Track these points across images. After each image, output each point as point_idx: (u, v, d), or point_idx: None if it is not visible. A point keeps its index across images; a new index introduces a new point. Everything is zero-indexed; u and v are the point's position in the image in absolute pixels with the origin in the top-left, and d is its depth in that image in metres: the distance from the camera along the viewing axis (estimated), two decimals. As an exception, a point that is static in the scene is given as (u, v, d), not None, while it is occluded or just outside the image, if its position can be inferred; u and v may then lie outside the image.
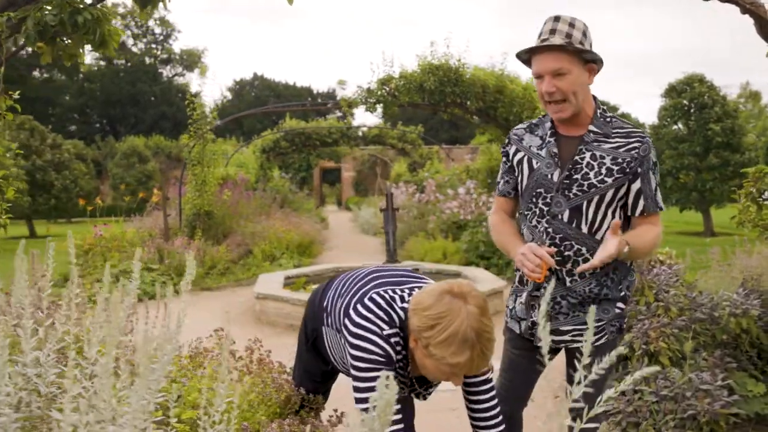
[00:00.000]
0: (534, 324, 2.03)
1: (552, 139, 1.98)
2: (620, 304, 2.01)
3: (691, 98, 14.16)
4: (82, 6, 2.69)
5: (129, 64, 46.76)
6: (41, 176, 15.27)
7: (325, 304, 2.04)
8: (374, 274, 1.92)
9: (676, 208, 14.94)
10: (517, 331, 2.10)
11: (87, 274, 7.06)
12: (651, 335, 3.35)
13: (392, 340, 1.71)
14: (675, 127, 14.65)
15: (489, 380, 1.86)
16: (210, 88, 74.20)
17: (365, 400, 1.69)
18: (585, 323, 1.97)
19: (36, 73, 43.00)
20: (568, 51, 1.85)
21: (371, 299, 1.77)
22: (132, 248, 8.10)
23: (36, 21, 2.66)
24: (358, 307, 1.76)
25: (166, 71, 50.22)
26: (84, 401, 1.22)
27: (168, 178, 17.81)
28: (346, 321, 1.78)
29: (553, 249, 1.92)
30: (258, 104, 50.77)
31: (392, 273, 1.94)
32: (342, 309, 1.87)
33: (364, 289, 1.84)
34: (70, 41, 2.95)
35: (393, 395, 0.82)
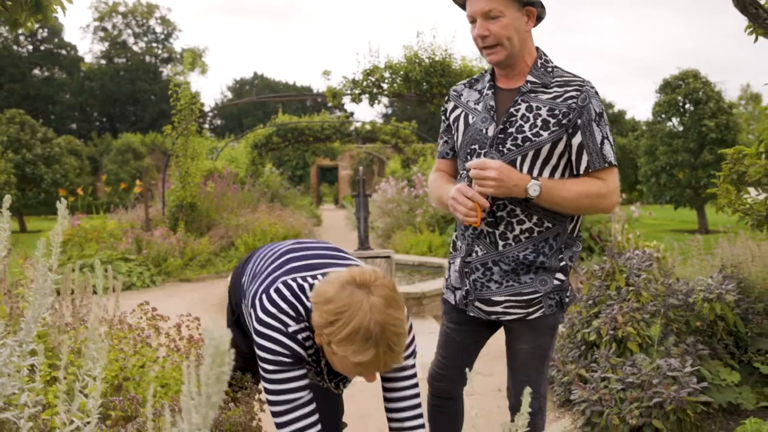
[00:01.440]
0: (467, 293, 1.87)
1: (490, 92, 1.83)
2: (560, 275, 1.83)
3: (685, 94, 13.98)
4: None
5: (129, 62, 46.72)
6: (31, 170, 15.15)
7: (243, 280, 1.89)
8: (290, 255, 1.74)
9: (671, 205, 14.77)
10: (452, 302, 1.95)
11: (61, 264, 6.92)
12: (619, 320, 3.19)
13: (299, 336, 1.55)
14: (669, 123, 14.48)
15: (408, 376, 1.66)
16: (198, 83, 73.67)
17: (276, 404, 1.54)
18: (519, 294, 1.81)
19: (36, 71, 42.98)
20: None
21: (277, 291, 1.59)
22: (111, 239, 7.96)
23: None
24: (263, 299, 1.60)
25: (167, 70, 50.15)
26: None
27: (163, 173, 17.68)
28: (253, 313, 1.62)
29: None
30: (258, 103, 50.68)
31: (311, 252, 1.76)
32: (251, 297, 1.71)
33: (273, 275, 1.67)
34: (7, 6, 2.82)
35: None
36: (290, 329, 1.54)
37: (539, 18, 1.81)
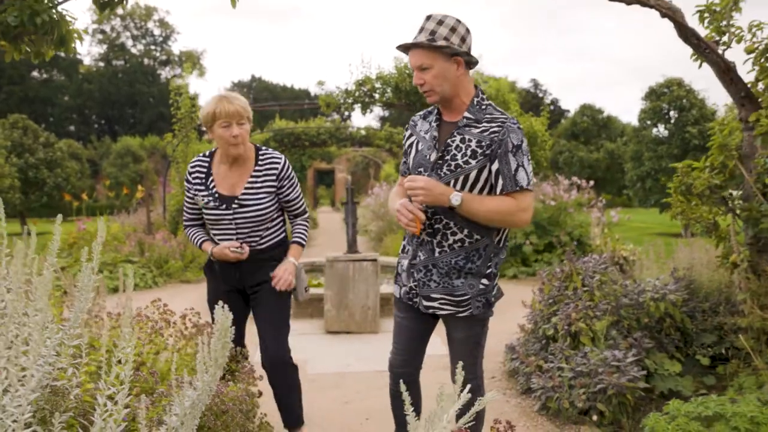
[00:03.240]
0: (411, 289, 2.29)
1: (435, 125, 2.23)
2: (485, 280, 2.20)
3: (669, 101, 14.44)
4: (42, 8, 2.95)
5: (128, 65, 47.05)
6: (33, 174, 15.53)
7: None
8: None
9: (657, 209, 15.22)
10: (398, 296, 2.37)
11: (69, 266, 7.32)
12: (573, 317, 3.61)
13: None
14: (655, 129, 14.93)
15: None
16: (196, 86, 74.32)
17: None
18: (452, 294, 2.21)
19: (35, 74, 43.28)
20: (429, 47, 2.07)
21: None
22: (115, 242, 8.36)
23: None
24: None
25: (165, 72, 50.51)
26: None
27: (163, 177, 18.05)
28: None
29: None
30: (256, 106, 51.00)
31: None
32: None
33: None
34: (33, 40, 3.22)
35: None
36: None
37: (470, 63, 2.16)
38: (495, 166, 2.11)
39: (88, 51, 47.44)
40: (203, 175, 2.74)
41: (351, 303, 5.33)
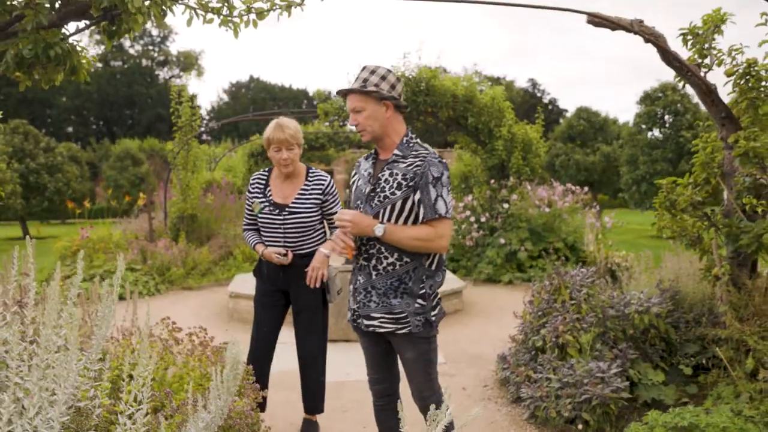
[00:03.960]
0: (354, 312, 2.53)
1: (372, 162, 2.52)
2: (420, 300, 2.41)
3: (664, 106, 14.63)
4: (54, 41, 3.11)
5: (126, 66, 47.16)
6: (35, 179, 15.68)
7: None
8: None
9: (652, 212, 15.41)
10: (348, 319, 2.60)
11: (73, 274, 7.46)
12: (560, 329, 3.78)
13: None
14: (650, 133, 15.12)
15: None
16: (195, 86, 74.34)
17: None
18: (390, 312, 2.42)
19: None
20: (362, 93, 2.38)
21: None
22: (118, 250, 8.52)
23: (14, 53, 3.09)
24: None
25: (163, 73, 50.64)
26: (36, 370, 1.66)
27: (162, 181, 18.22)
28: None
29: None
30: (254, 106, 51.14)
31: None
32: None
33: None
34: (45, 70, 3.38)
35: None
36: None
37: (399, 107, 2.45)
38: (417, 196, 2.37)
39: (86, 52, 47.45)
40: (262, 186, 3.36)
41: (349, 312, 5.48)
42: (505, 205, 9.22)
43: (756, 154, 3.70)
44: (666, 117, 14.88)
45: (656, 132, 15.33)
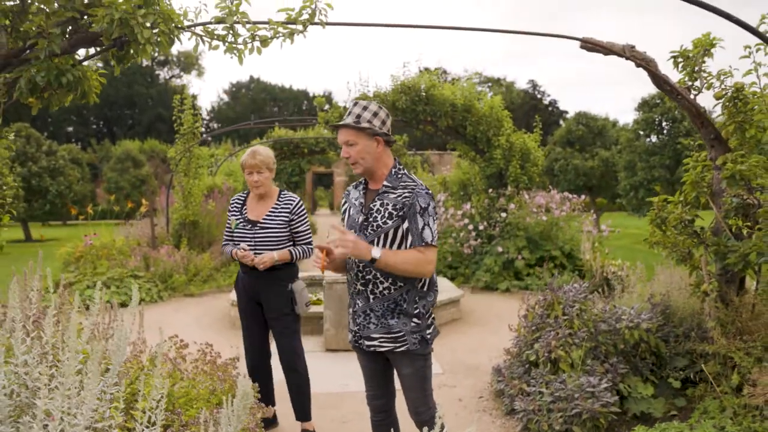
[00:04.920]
0: (355, 333, 2.68)
1: (362, 192, 2.68)
2: (415, 319, 2.58)
3: (662, 112, 14.77)
4: (66, 68, 3.23)
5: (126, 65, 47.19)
6: (37, 182, 15.81)
7: None
8: None
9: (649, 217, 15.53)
10: (349, 340, 2.73)
11: (78, 281, 7.59)
12: (553, 344, 3.91)
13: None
14: (648, 140, 15.25)
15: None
16: (196, 86, 74.40)
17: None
18: (389, 332, 2.58)
19: (34, 75, 43.38)
20: (355, 128, 2.53)
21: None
22: (121, 256, 8.64)
23: (27, 80, 3.21)
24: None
25: (164, 73, 50.78)
26: (60, 392, 1.79)
27: (163, 184, 18.34)
28: None
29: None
30: (254, 107, 51.23)
31: None
32: None
33: None
34: (56, 94, 3.51)
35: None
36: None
37: (389, 142, 2.59)
38: (405, 225, 2.54)
39: (86, 52, 47.58)
40: (239, 206, 3.83)
41: (349, 322, 5.61)
42: (503, 214, 9.35)
43: (743, 176, 3.83)
44: (663, 124, 15.02)
45: (654, 138, 15.46)
